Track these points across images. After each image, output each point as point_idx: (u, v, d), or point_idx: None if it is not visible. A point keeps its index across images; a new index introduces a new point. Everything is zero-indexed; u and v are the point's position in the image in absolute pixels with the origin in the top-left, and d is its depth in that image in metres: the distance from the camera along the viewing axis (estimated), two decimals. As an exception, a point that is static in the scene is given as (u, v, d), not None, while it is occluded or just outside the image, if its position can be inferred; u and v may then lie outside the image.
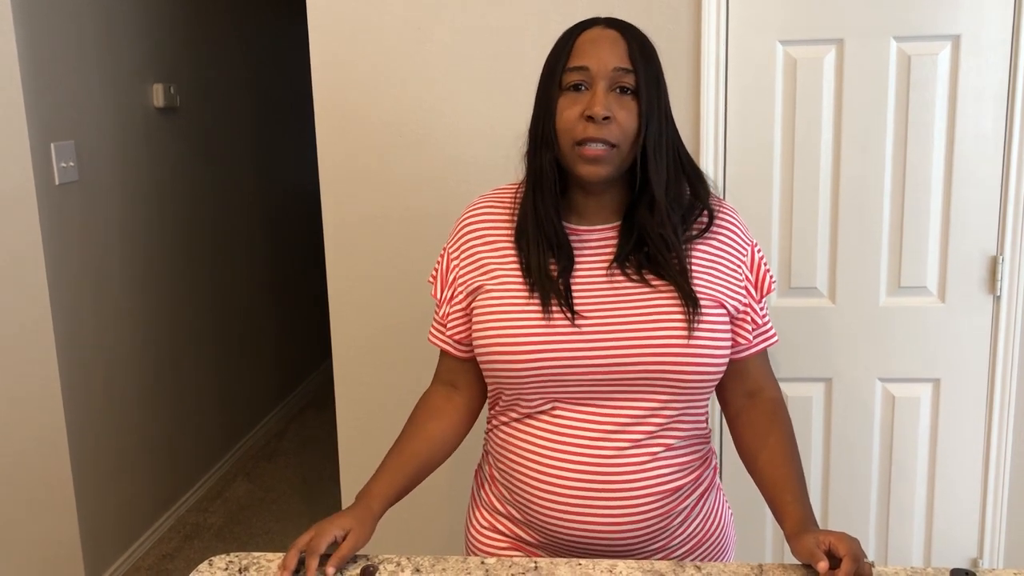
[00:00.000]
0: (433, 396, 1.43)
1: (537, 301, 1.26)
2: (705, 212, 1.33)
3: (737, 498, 2.22)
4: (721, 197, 2.12)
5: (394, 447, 1.39)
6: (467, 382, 1.42)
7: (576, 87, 1.24)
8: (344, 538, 1.23)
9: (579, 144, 1.23)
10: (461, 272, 1.35)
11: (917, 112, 2.08)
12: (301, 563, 1.21)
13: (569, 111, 1.24)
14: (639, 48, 1.25)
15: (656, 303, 1.26)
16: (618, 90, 1.24)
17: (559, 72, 1.26)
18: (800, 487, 1.29)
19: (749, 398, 1.39)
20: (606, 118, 1.22)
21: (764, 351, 1.38)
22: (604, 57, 1.23)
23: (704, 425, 1.36)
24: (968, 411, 2.20)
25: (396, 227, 2.26)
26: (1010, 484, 2.24)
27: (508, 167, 1.41)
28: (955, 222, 2.12)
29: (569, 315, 1.25)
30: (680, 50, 2.11)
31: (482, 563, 1.25)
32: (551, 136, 1.26)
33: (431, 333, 1.42)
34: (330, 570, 1.19)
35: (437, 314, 1.40)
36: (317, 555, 1.20)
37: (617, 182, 1.28)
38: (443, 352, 1.42)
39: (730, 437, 1.43)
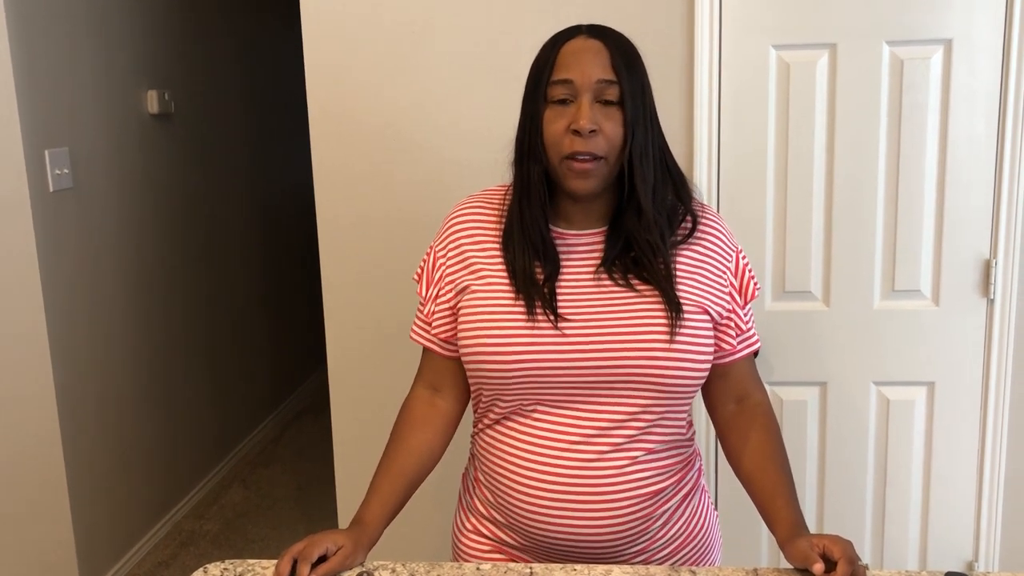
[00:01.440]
0: (415, 404, 1.42)
1: (522, 303, 1.27)
2: (688, 217, 1.34)
3: (732, 500, 2.23)
4: (711, 201, 2.15)
5: (382, 466, 1.38)
6: (450, 383, 1.41)
7: (561, 100, 1.25)
8: (336, 552, 1.23)
9: (567, 158, 1.24)
10: (448, 270, 1.35)
11: (910, 116, 2.09)
12: (295, 570, 1.21)
13: (555, 125, 1.25)
14: (622, 57, 1.25)
15: (640, 307, 1.26)
16: (603, 101, 1.24)
17: (543, 85, 1.26)
18: (790, 492, 1.30)
19: (737, 403, 1.40)
20: (592, 131, 1.22)
21: (750, 357, 1.39)
22: (587, 69, 1.24)
23: (686, 429, 1.37)
24: (963, 414, 2.21)
25: (391, 231, 2.27)
26: (1005, 487, 2.24)
27: (498, 170, 1.41)
28: (948, 225, 2.12)
29: (553, 319, 1.26)
30: (673, 54, 2.12)
31: (477, 569, 1.25)
32: (538, 149, 1.27)
33: (413, 330, 1.42)
34: None
35: (421, 312, 1.40)
36: (309, 562, 1.19)
37: (604, 188, 1.29)
38: (427, 351, 1.42)
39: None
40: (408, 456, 1.38)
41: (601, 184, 1.27)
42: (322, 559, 1.22)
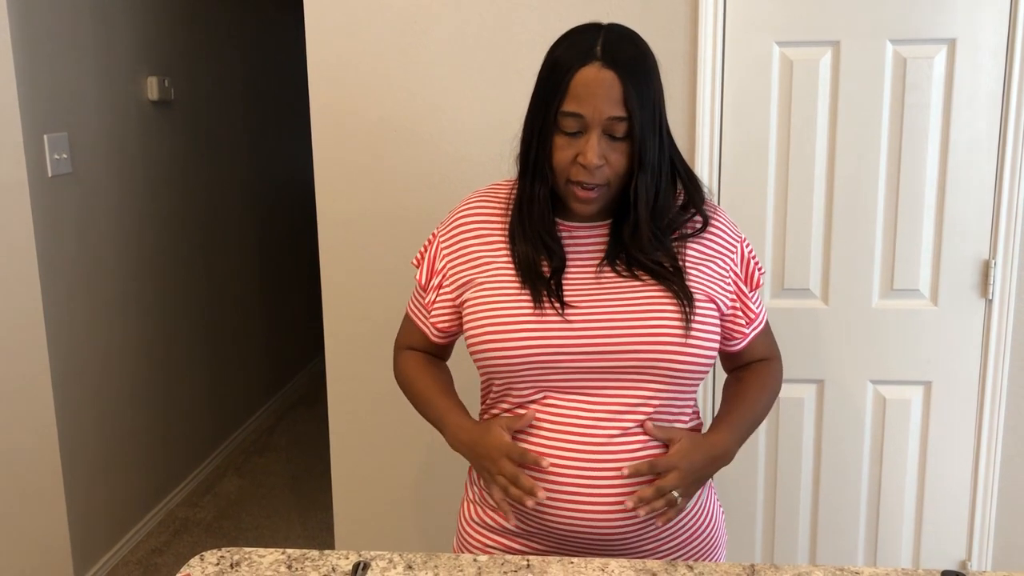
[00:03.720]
0: (415, 354, 1.49)
1: (528, 293, 1.29)
2: (699, 216, 1.36)
3: (729, 499, 2.23)
4: (712, 197, 2.15)
5: (433, 388, 1.43)
6: (438, 356, 1.51)
7: (572, 131, 1.26)
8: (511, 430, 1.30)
9: (571, 183, 1.28)
10: (451, 265, 1.38)
11: (912, 115, 2.09)
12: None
13: (564, 152, 1.27)
14: (635, 87, 1.24)
15: (647, 296, 1.29)
16: (612, 133, 1.25)
17: (554, 110, 1.26)
18: (743, 414, 1.38)
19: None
20: (599, 165, 1.25)
21: (764, 330, 1.44)
22: (599, 105, 1.23)
23: (693, 419, 1.39)
24: (959, 414, 2.21)
25: (390, 223, 2.26)
26: (1000, 487, 2.25)
27: (503, 164, 1.42)
28: (948, 225, 2.13)
29: (559, 307, 1.28)
30: (677, 50, 2.11)
31: (474, 560, 1.25)
32: (544, 170, 1.29)
33: (410, 308, 1.48)
34: (541, 493, 1.24)
35: (421, 298, 1.44)
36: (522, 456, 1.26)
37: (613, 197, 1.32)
38: (418, 330, 1.46)
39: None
40: (441, 373, 1.47)
41: (603, 205, 1.31)
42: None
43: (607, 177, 1.26)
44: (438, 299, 1.39)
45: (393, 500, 2.40)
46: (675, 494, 1.25)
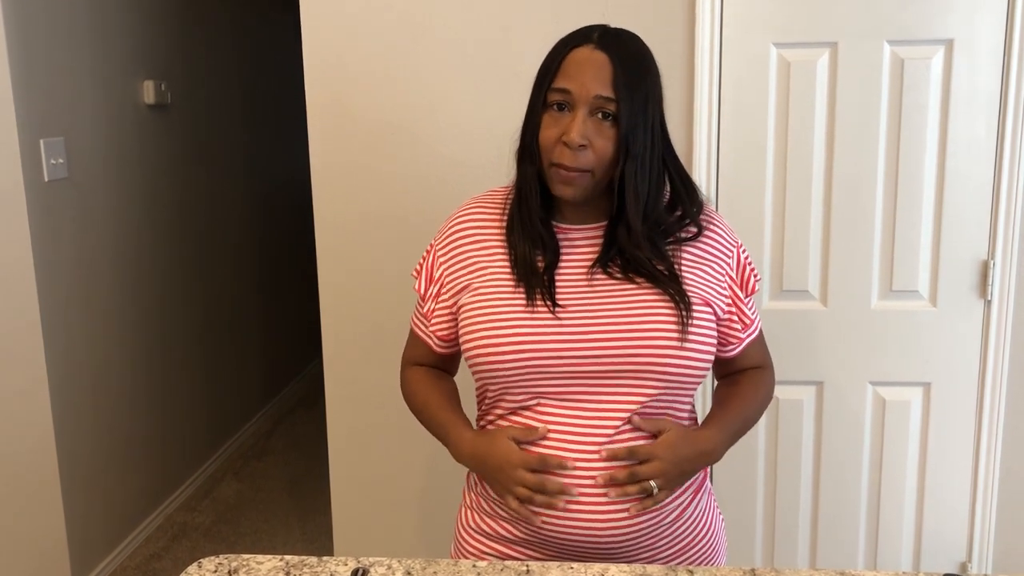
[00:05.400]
0: (421, 370, 1.48)
1: (522, 294, 1.28)
2: (693, 225, 1.35)
3: (728, 502, 2.23)
4: (713, 201, 2.15)
5: (438, 403, 1.42)
6: (443, 368, 1.49)
7: (560, 107, 1.26)
8: (521, 439, 1.28)
9: (554, 165, 1.26)
10: (448, 272, 1.37)
11: (910, 116, 2.08)
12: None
13: (549, 131, 1.26)
14: (626, 74, 1.24)
15: (642, 299, 1.28)
16: (600, 115, 1.24)
17: (545, 88, 1.27)
18: (736, 415, 1.37)
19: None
20: (582, 146, 1.23)
21: (758, 337, 1.44)
22: (587, 83, 1.23)
23: (692, 426, 1.37)
24: (958, 415, 2.21)
25: (388, 225, 2.26)
26: (999, 488, 2.24)
27: (501, 167, 1.42)
28: (947, 226, 2.12)
29: (551, 307, 1.27)
30: (674, 52, 2.11)
31: (474, 566, 1.24)
32: (533, 150, 1.29)
33: (413, 321, 1.47)
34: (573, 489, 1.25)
35: (421, 308, 1.43)
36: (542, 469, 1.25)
37: (598, 192, 1.30)
38: (421, 342, 1.45)
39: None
40: (445, 386, 1.46)
41: (586, 193, 1.28)
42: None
43: (590, 162, 1.24)
44: (437, 307, 1.39)
45: (392, 503, 2.40)
46: (652, 484, 1.24)
